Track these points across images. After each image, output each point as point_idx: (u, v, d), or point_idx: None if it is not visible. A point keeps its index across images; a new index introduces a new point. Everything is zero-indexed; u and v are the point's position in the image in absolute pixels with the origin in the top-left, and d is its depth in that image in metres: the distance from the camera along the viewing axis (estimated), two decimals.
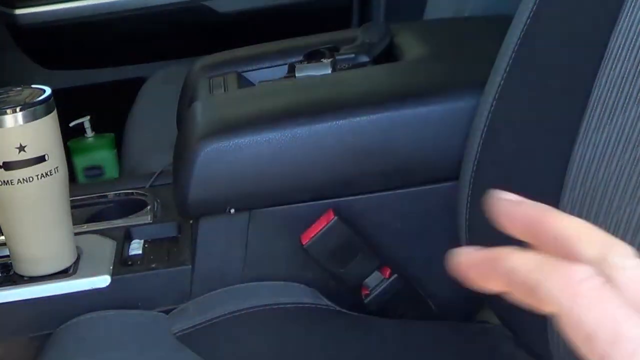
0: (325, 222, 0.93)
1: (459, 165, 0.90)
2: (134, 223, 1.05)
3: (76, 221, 1.02)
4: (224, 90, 1.10)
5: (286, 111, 0.94)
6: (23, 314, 0.94)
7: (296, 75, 1.08)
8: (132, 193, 1.13)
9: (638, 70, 0.71)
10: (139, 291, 0.95)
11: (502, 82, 0.83)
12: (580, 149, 0.76)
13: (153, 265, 0.97)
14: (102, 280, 0.94)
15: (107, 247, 1.00)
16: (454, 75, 1.00)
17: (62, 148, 0.93)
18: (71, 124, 1.79)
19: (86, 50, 1.93)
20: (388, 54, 1.12)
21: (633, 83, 0.71)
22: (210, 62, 1.20)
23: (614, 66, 0.73)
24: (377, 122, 0.92)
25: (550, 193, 0.79)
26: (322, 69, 1.08)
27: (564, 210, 0.77)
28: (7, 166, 0.89)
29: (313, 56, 1.13)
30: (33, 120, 0.88)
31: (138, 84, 1.86)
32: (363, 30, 1.14)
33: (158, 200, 1.10)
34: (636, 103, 0.70)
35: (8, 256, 0.97)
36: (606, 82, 0.74)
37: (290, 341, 0.90)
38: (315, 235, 0.92)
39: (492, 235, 0.92)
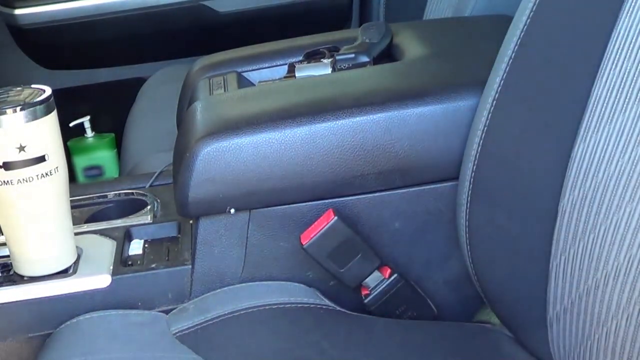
0: (325, 222, 0.93)
1: (459, 165, 0.90)
2: (134, 223, 1.05)
3: (76, 221, 1.02)
4: (224, 90, 1.10)
5: (286, 111, 0.94)
6: (23, 314, 0.94)
7: (296, 75, 1.08)
8: (132, 193, 1.13)
9: (638, 70, 0.71)
10: (139, 291, 0.95)
11: (502, 82, 0.83)
12: (580, 149, 0.76)
13: (153, 265, 0.97)
14: (102, 280, 0.95)
15: (107, 247, 1.00)
16: (454, 75, 0.99)
17: (62, 148, 0.93)
18: (71, 124, 1.79)
19: (86, 50, 1.93)
20: (388, 54, 1.12)
21: (633, 83, 0.71)
22: (210, 62, 1.20)
23: (614, 66, 0.73)
24: (377, 122, 0.92)
25: (550, 193, 0.79)
26: (322, 69, 1.08)
27: (564, 210, 0.77)
28: (7, 166, 0.89)
29: (313, 56, 1.13)
30: (33, 120, 0.88)
31: (138, 84, 1.86)
32: (363, 30, 1.14)
33: (158, 200, 1.10)
34: (636, 103, 0.70)
35: (8, 256, 0.97)
36: (606, 82, 0.74)
37: (290, 341, 0.90)
38: (315, 235, 0.92)
39: (491, 236, 0.92)
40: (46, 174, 0.90)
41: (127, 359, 0.87)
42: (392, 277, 0.96)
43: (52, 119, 0.91)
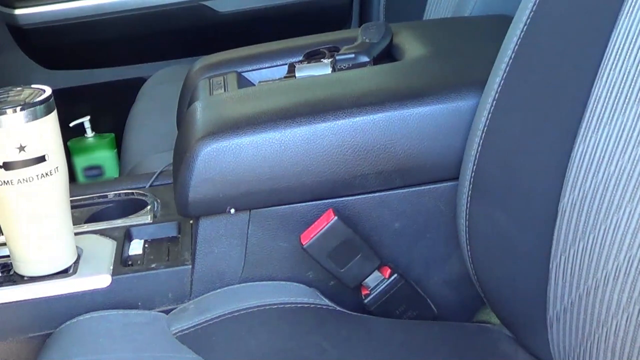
0: (325, 222, 0.93)
1: (459, 165, 0.90)
2: (134, 223, 1.05)
3: (76, 221, 1.02)
4: (224, 90, 1.10)
5: (286, 111, 0.94)
6: (23, 314, 0.94)
7: (296, 75, 1.08)
8: (132, 193, 1.13)
9: (638, 70, 0.71)
10: (139, 291, 0.96)
11: (502, 82, 0.83)
12: (580, 149, 0.76)
13: (153, 265, 0.97)
14: (102, 280, 0.95)
15: (107, 247, 1.00)
16: (454, 75, 1.00)
17: (62, 148, 0.93)
18: (71, 124, 1.79)
19: (86, 50, 1.93)
20: (388, 54, 1.12)
21: (633, 83, 0.71)
22: (210, 62, 1.20)
23: (614, 66, 0.73)
24: (377, 122, 0.92)
25: (550, 193, 0.79)
26: (322, 69, 1.08)
27: (564, 210, 0.77)
28: (7, 166, 0.89)
29: (313, 56, 1.13)
30: (33, 120, 0.88)
31: (138, 84, 1.86)
32: (363, 30, 1.14)
33: (158, 200, 1.10)
34: (636, 103, 0.70)
35: (8, 256, 0.97)
36: (606, 82, 0.74)
37: (290, 341, 0.90)
38: (315, 235, 0.92)
39: (491, 236, 0.92)
40: (46, 174, 0.90)
41: (127, 359, 0.87)
42: (392, 277, 0.96)
43: (52, 119, 0.91)
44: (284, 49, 1.19)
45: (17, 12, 1.85)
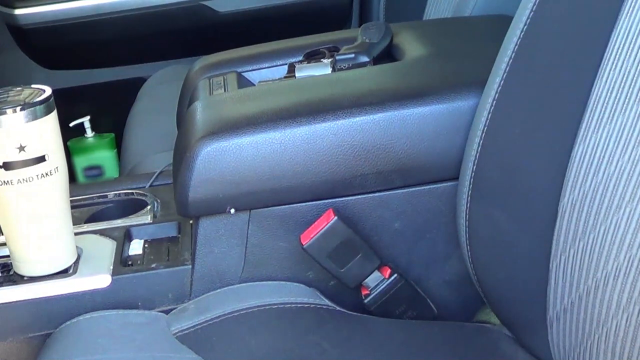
0: (325, 222, 0.93)
1: (459, 165, 0.90)
2: (134, 223, 1.05)
3: (76, 221, 1.02)
4: (224, 90, 1.10)
5: (286, 111, 0.94)
6: (23, 314, 0.94)
7: (296, 75, 1.08)
8: (132, 193, 1.13)
9: (638, 70, 0.71)
10: (139, 291, 0.96)
11: (502, 82, 0.83)
12: (580, 149, 0.76)
13: (153, 265, 0.97)
14: (102, 280, 0.95)
15: (107, 247, 1.00)
16: (454, 75, 1.00)
17: (62, 148, 0.93)
18: (71, 124, 1.79)
19: (86, 50, 1.93)
20: (388, 54, 1.12)
21: (633, 83, 0.71)
22: (210, 62, 1.20)
23: (614, 66, 0.73)
24: (377, 122, 0.92)
25: (550, 193, 0.79)
26: (322, 69, 1.08)
27: (564, 210, 0.77)
28: (7, 166, 0.89)
29: (313, 56, 1.13)
30: (33, 120, 0.88)
31: (138, 84, 1.87)
32: (363, 30, 1.14)
33: (158, 200, 1.10)
34: (636, 103, 0.70)
35: (8, 256, 0.97)
36: (606, 82, 0.74)
37: (290, 341, 0.90)
38: (315, 235, 0.92)
39: (491, 236, 0.92)
40: (46, 174, 0.90)
41: (127, 359, 0.87)
42: (392, 277, 0.96)
43: (52, 119, 0.91)
44: (284, 49, 1.19)
45: (17, 12, 1.85)
